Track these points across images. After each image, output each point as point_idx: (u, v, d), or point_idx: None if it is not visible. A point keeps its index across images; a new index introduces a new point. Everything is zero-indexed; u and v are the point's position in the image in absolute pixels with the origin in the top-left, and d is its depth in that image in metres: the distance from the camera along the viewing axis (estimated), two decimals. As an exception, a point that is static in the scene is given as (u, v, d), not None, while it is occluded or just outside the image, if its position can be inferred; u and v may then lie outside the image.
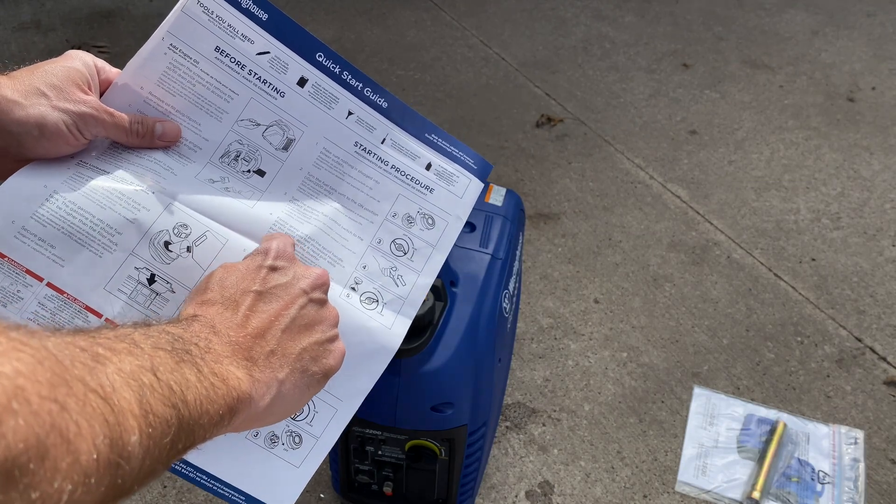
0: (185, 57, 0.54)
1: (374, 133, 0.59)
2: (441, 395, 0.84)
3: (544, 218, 1.52)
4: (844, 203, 1.58)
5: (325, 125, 0.58)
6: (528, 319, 1.30)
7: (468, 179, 0.63)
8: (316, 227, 0.55)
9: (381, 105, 0.60)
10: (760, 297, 1.35)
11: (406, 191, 0.60)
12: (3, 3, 2.16)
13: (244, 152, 0.55)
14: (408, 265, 0.58)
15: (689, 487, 1.06)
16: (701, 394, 1.18)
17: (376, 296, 0.56)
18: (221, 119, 0.55)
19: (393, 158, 0.60)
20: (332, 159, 0.58)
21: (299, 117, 0.57)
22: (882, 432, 1.14)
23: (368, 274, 0.56)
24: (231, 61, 0.55)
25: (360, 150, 0.59)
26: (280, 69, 0.56)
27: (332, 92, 0.59)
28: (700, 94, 1.91)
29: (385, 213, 0.59)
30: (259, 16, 0.55)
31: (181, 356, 0.37)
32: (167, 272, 0.50)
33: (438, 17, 2.21)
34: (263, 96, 0.56)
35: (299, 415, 0.52)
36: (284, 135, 0.57)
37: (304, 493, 1.03)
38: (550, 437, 1.12)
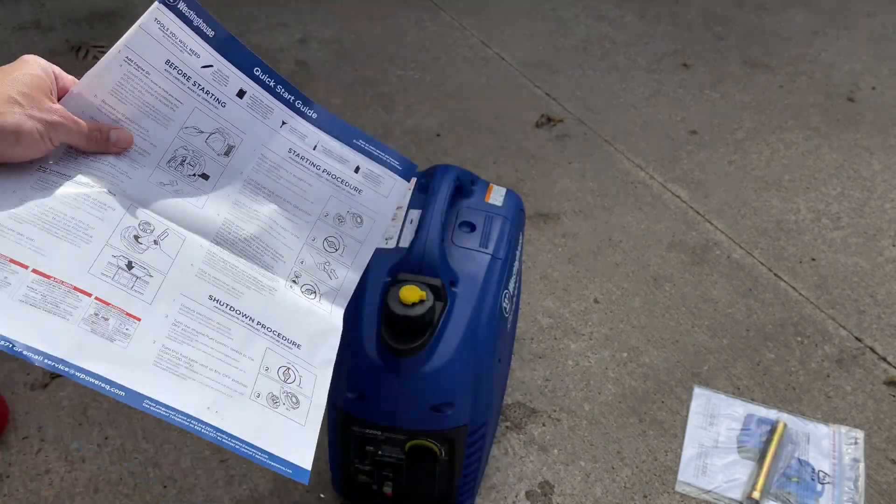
0: (138, 69, 0.58)
1: (305, 140, 0.66)
2: (441, 395, 0.84)
3: (544, 218, 1.52)
4: (844, 203, 1.58)
5: (261, 133, 0.63)
6: (528, 319, 1.30)
7: (393, 180, 0.70)
8: (259, 227, 0.62)
9: (311, 116, 0.67)
10: (760, 297, 1.36)
11: (336, 192, 0.66)
12: (3, 3, 2.16)
13: (189, 157, 0.60)
14: (339, 260, 0.66)
15: (689, 487, 1.06)
16: (701, 394, 1.18)
17: (314, 288, 0.64)
18: (168, 126, 0.60)
19: (324, 163, 0.66)
20: (269, 164, 0.64)
21: (238, 126, 0.63)
22: (882, 432, 1.14)
23: (306, 268, 0.64)
24: (178, 73, 0.59)
25: (293, 156, 0.65)
26: (221, 81, 0.61)
27: (268, 103, 0.64)
28: (700, 94, 1.91)
29: (318, 214, 0.65)
30: (206, 32, 0.60)
31: None
32: (141, 260, 0.55)
33: (438, 17, 2.21)
34: (206, 106, 0.61)
35: (287, 377, 0.60)
36: (225, 141, 0.62)
37: (305, 494, 1.04)
38: (550, 437, 1.12)
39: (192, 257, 0.58)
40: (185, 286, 0.56)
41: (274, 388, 0.58)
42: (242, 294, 0.59)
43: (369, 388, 0.84)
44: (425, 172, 0.96)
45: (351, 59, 2.00)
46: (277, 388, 0.59)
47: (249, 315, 0.59)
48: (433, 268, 0.83)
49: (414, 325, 0.80)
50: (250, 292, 0.59)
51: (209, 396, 0.54)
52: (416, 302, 0.79)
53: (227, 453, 1.08)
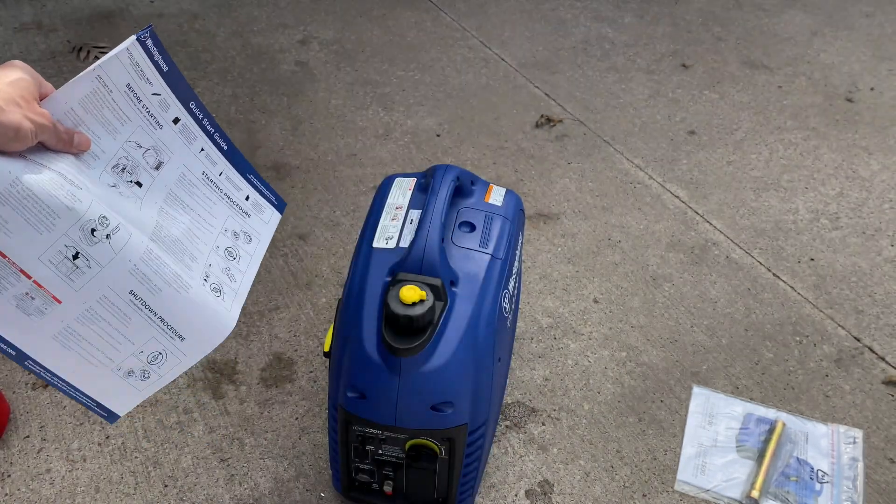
0: (104, 86, 0.68)
1: (215, 167, 0.78)
2: (441, 394, 0.84)
3: (544, 218, 1.52)
4: (843, 203, 1.58)
5: (185, 155, 0.75)
6: (528, 319, 1.30)
7: (272, 211, 0.84)
8: (181, 232, 0.73)
9: (222, 147, 0.79)
10: (759, 296, 1.36)
11: (233, 213, 0.80)
12: (4, 3, 2.16)
13: (129, 166, 0.71)
14: (236, 267, 0.78)
15: (688, 486, 1.07)
16: (700, 393, 1.19)
17: (219, 286, 0.74)
18: (115, 137, 0.70)
19: (226, 187, 0.79)
20: (187, 182, 0.76)
21: (169, 146, 0.74)
22: (881, 432, 1.14)
23: (213, 271, 0.75)
24: (133, 95, 0.70)
25: (205, 178, 0.77)
26: (164, 108, 0.73)
27: (194, 132, 0.76)
28: (699, 94, 1.91)
29: (220, 228, 0.78)
30: (162, 67, 0.72)
31: None
32: (89, 252, 0.64)
33: (438, 17, 2.21)
34: (148, 125, 0.72)
35: (154, 360, 0.71)
36: (157, 157, 0.73)
37: (305, 493, 1.04)
38: (550, 437, 1.12)
39: (133, 253, 0.67)
40: (114, 280, 0.66)
41: (136, 365, 0.71)
42: (160, 291, 0.69)
43: (370, 387, 0.84)
44: (425, 172, 0.96)
45: (351, 60, 2.00)
46: (139, 366, 0.71)
47: (155, 310, 0.69)
48: (433, 268, 0.84)
49: (414, 325, 0.80)
50: (169, 290, 0.69)
51: (78, 363, 0.68)
52: (416, 302, 0.80)
53: (227, 453, 1.08)
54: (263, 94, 1.86)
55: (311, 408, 1.15)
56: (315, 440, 1.10)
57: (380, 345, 0.83)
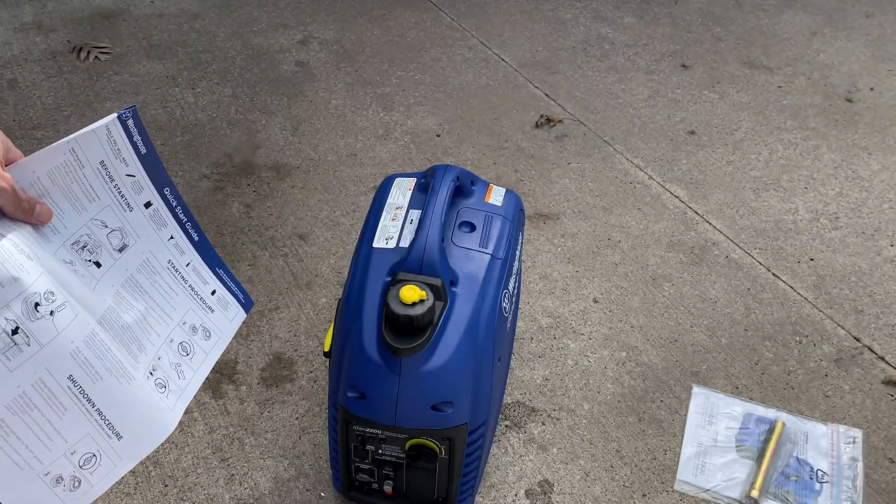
0: (77, 160, 0.66)
1: (183, 256, 0.76)
2: (441, 394, 0.84)
3: (544, 218, 1.52)
4: (843, 203, 1.58)
5: (152, 241, 0.73)
6: (528, 319, 1.30)
7: (237, 309, 0.80)
8: (133, 319, 0.69)
9: (193, 238, 0.77)
10: (759, 296, 1.36)
11: (195, 306, 0.76)
12: (4, 3, 2.16)
13: (90, 244, 0.68)
14: (188, 364, 0.74)
15: (688, 486, 1.07)
16: (700, 393, 1.19)
17: (165, 383, 0.70)
18: (81, 214, 0.67)
19: (191, 279, 0.76)
20: (150, 268, 0.73)
21: (136, 229, 0.72)
22: (880, 431, 1.14)
23: (161, 364, 0.71)
24: (106, 174, 0.68)
25: (170, 267, 0.75)
26: (136, 190, 0.71)
27: (165, 218, 0.74)
28: (699, 94, 1.91)
29: (178, 320, 0.74)
30: (140, 149, 0.70)
31: None
32: (30, 328, 0.59)
33: (438, 18, 2.21)
34: (117, 206, 0.70)
35: (87, 464, 0.64)
36: (122, 239, 0.70)
37: (305, 493, 1.04)
38: (550, 437, 1.13)
39: (77, 334, 0.62)
40: (53, 361, 0.60)
41: (66, 470, 0.63)
42: (101, 379, 0.63)
43: (370, 387, 0.84)
44: (425, 173, 0.97)
45: (351, 60, 2.00)
46: (69, 471, 0.63)
47: (94, 401, 0.63)
48: (433, 268, 0.84)
49: (414, 325, 0.80)
50: (111, 378, 0.64)
51: (2, 466, 0.59)
52: (416, 301, 0.80)
53: (227, 452, 1.08)
54: (263, 94, 1.86)
55: (311, 407, 1.15)
56: (315, 440, 1.11)
57: (380, 345, 0.83)
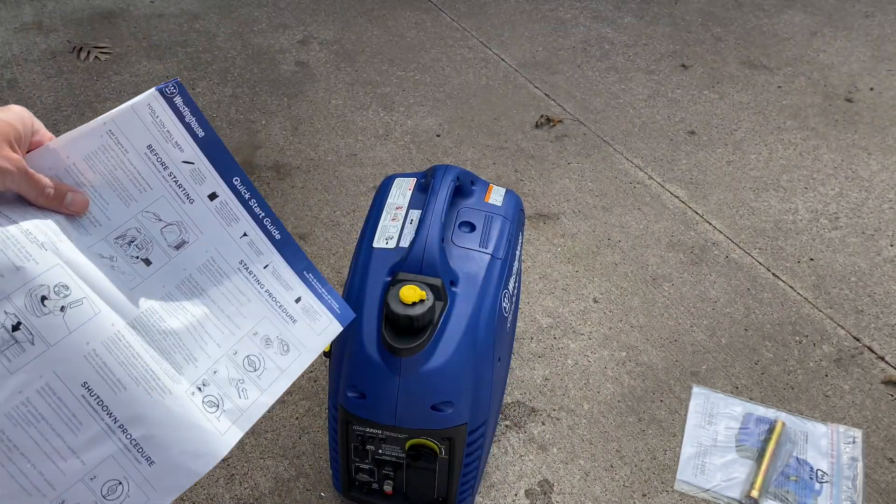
0: (118, 144, 0.58)
1: (260, 257, 0.65)
2: (441, 394, 0.84)
3: (544, 218, 1.52)
4: (843, 203, 1.58)
5: (219, 238, 0.64)
6: (528, 319, 1.30)
7: (329, 321, 0.69)
8: (181, 324, 0.59)
9: (274, 236, 0.67)
10: (759, 296, 1.36)
11: (272, 315, 0.65)
12: (4, 3, 2.16)
13: (139, 240, 0.60)
14: (255, 381, 0.63)
15: (687, 486, 1.07)
16: (700, 393, 1.19)
17: (218, 401, 0.59)
18: (129, 205, 0.60)
19: (269, 284, 0.66)
20: (216, 269, 0.63)
21: (199, 224, 0.63)
22: (880, 431, 1.14)
23: (216, 379, 0.60)
24: (157, 160, 0.60)
25: (242, 268, 0.65)
26: (198, 180, 0.62)
27: (236, 213, 0.65)
28: (699, 94, 1.91)
29: (248, 329, 0.64)
30: (196, 132, 0.61)
31: None
32: (34, 324, 0.51)
33: (438, 18, 2.21)
34: (174, 198, 0.61)
35: (111, 493, 0.53)
36: (180, 235, 0.62)
37: (305, 492, 1.04)
38: (550, 436, 1.13)
39: (94, 335, 0.52)
40: (63, 364, 0.51)
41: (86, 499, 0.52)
42: (124, 390, 0.52)
43: (369, 387, 0.84)
44: (425, 173, 0.97)
45: (351, 60, 2.00)
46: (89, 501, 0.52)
47: (115, 415, 0.52)
48: (433, 267, 0.84)
49: (414, 325, 0.80)
50: (137, 390, 0.53)
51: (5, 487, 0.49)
52: (416, 301, 0.80)
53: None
54: (263, 94, 1.86)
55: (311, 407, 1.15)
56: (315, 440, 1.11)
57: (380, 345, 0.83)
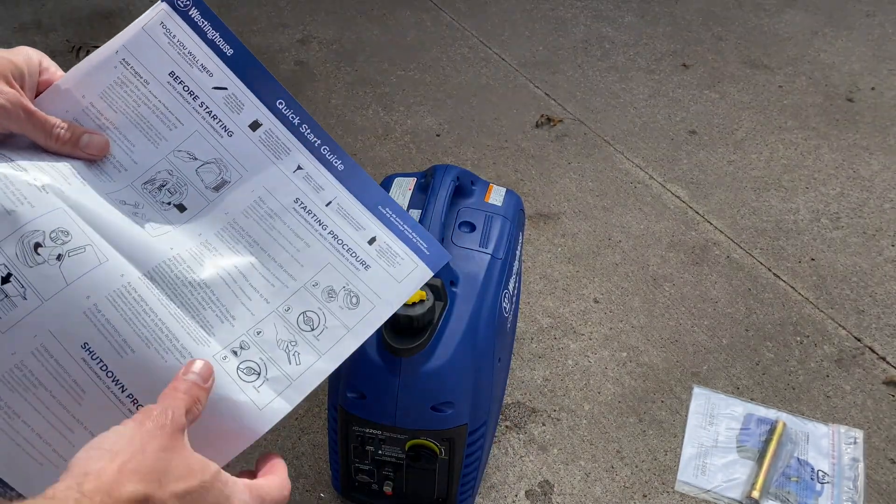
0: (136, 75, 0.52)
1: (320, 193, 0.55)
2: (441, 394, 0.84)
3: (544, 218, 1.52)
4: (844, 203, 1.58)
5: (267, 174, 0.54)
6: (528, 319, 1.30)
7: (414, 264, 0.55)
8: (217, 276, 0.50)
9: (336, 166, 0.56)
10: (760, 296, 1.36)
11: (337, 261, 0.54)
12: (3, 2, 2.16)
13: (171, 183, 0.52)
14: (311, 343, 0.51)
15: (688, 487, 1.06)
16: (700, 393, 1.18)
17: (259, 368, 0.49)
18: (158, 145, 0.52)
19: (333, 224, 0.54)
20: (265, 210, 0.53)
21: (242, 160, 0.54)
22: (881, 432, 1.14)
23: (260, 342, 0.50)
24: (184, 89, 0.53)
25: (298, 208, 0.54)
26: (235, 108, 0.54)
27: (285, 142, 0.55)
28: (699, 94, 1.91)
29: (305, 280, 0.53)
30: (224, 50, 0.53)
31: None
32: (26, 276, 0.45)
33: (438, 17, 2.21)
34: (209, 131, 0.53)
35: None
36: (220, 175, 0.53)
37: (305, 493, 1.04)
38: (550, 437, 1.12)
39: (96, 287, 0.46)
40: (60, 322, 0.45)
41: None
42: (132, 352, 0.46)
43: (369, 387, 0.84)
44: (425, 172, 0.96)
45: (351, 60, 2.00)
46: None
47: (123, 382, 0.45)
48: (433, 267, 0.83)
49: (414, 325, 0.80)
50: (147, 351, 0.46)
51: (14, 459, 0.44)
52: (416, 301, 0.79)
53: (227, 453, 1.08)
54: (263, 93, 1.86)
55: (310, 408, 1.14)
56: (315, 440, 1.10)
57: (380, 345, 0.83)
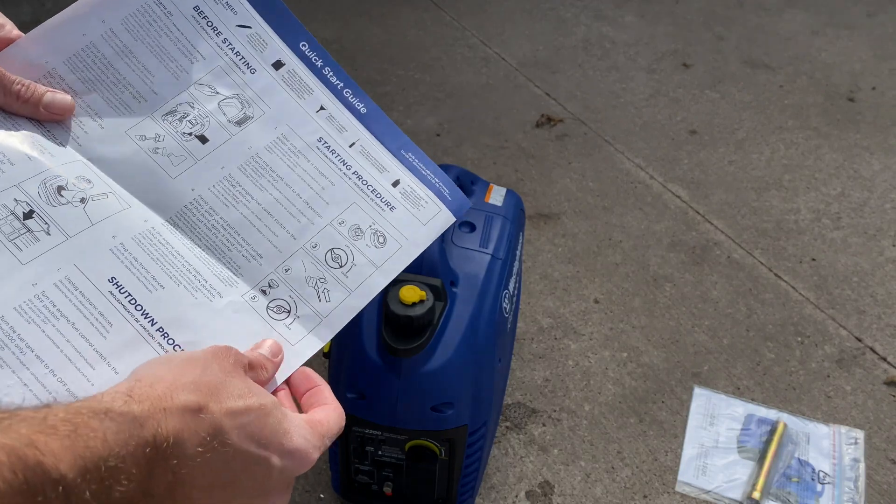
0: (160, 5, 0.51)
1: (343, 134, 0.55)
2: (441, 395, 0.84)
3: (544, 218, 1.52)
4: (844, 203, 1.58)
5: (290, 112, 0.54)
6: (528, 319, 1.30)
7: (438, 208, 0.56)
8: (242, 216, 0.50)
9: (358, 109, 0.56)
10: (761, 297, 1.35)
11: (362, 200, 0.54)
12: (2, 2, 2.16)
13: (192, 115, 0.51)
14: (340, 280, 0.51)
15: (689, 487, 1.06)
16: (701, 394, 1.18)
17: (289, 306, 0.49)
18: (179, 77, 0.52)
19: (357, 165, 0.54)
20: (289, 147, 0.53)
21: (264, 97, 0.53)
22: (882, 432, 1.14)
23: (289, 279, 0.50)
24: (208, 24, 0.52)
25: (322, 147, 0.54)
26: (258, 47, 0.54)
27: (308, 83, 0.55)
28: (700, 93, 1.91)
29: (331, 218, 0.52)
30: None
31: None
32: (50, 213, 0.45)
33: (439, 17, 2.21)
34: (232, 67, 0.53)
35: None
36: (242, 110, 0.53)
37: (304, 494, 1.03)
38: (550, 438, 1.12)
39: (121, 228, 0.46)
40: (86, 257, 0.44)
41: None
42: (161, 288, 0.45)
43: (369, 388, 0.84)
44: (425, 172, 0.96)
45: (351, 59, 2.00)
46: None
47: (153, 316, 0.45)
48: (433, 268, 0.83)
49: (414, 325, 0.80)
50: (177, 289, 0.46)
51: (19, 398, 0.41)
52: (416, 302, 0.79)
53: (226, 453, 1.08)
54: (263, 93, 1.86)
55: (310, 408, 1.14)
56: (314, 441, 1.10)
57: (379, 345, 0.82)
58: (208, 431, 0.36)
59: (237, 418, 0.38)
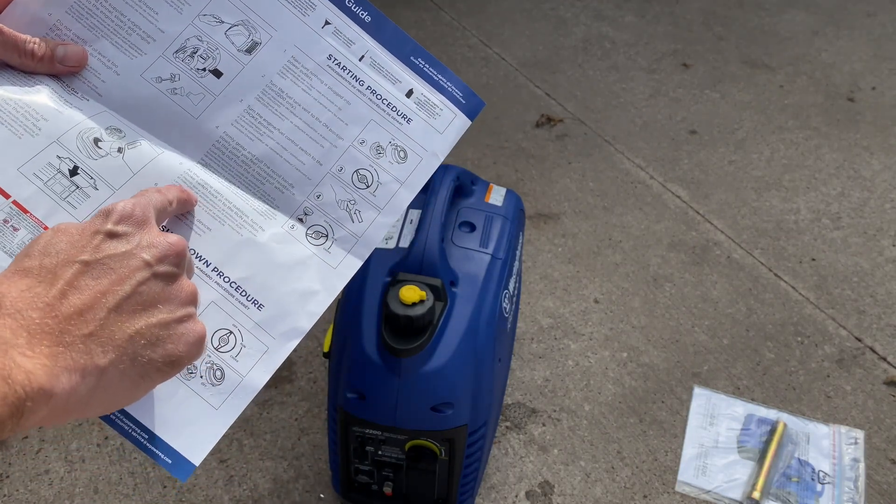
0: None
1: (351, 48, 0.55)
2: (441, 395, 0.84)
3: (544, 218, 1.52)
4: (845, 203, 1.58)
5: (296, 32, 0.54)
6: (528, 319, 1.30)
7: (453, 114, 0.57)
8: (268, 148, 0.51)
9: (363, 18, 0.55)
10: (761, 297, 1.35)
11: (380, 117, 0.55)
12: (3, 3, 2.16)
13: (202, 49, 0.52)
14: (369, 200, 0.53)
15: (689, 487, 1.06)
16: (701, 394, 1.18)
17: (326, 230, 0.51)
18: (182, 11, 0.52)
19: (370, 79, 0.55)
20: (300, 70, 0.53)
21: (268, 19, 0.53)
22: (882, 432, 1.14)
23: (321, 205, 0.52)
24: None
25: (333, 65, 0.54)
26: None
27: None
28: (700, 93, 1.91)
29: (352, 139, 0.53)
30: None
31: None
32: (92, 167, 0.46)
33: (438, 16, 2.21)
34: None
35: (224, 345, 0.47)
36: (250, 36, 0.53)
37: (304, 493, 1.04)
38: (550, 438, 1.12)
39: (160, 174, 0.48)
40: None
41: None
42: (209, 230, 0.48)
43: (369, 388, 0.84)
44: (425, 172, 0.96)
45: (351, 59, 2.00)
46: (203, 357, 0.47)
47: (206, 258, 0.47)
48: (433, 268, 0.83)
49: (414, 325, 0.80)
50: (223, 229, 0.48)
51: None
52: (416, 302, 0.79)
53: (226, 454, 1.08)
54: (263, 93, 1.86)
55: (310, 408, 1.14)
56: (314, 441, 1.10)
57: (379, 345, 0.82)
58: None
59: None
